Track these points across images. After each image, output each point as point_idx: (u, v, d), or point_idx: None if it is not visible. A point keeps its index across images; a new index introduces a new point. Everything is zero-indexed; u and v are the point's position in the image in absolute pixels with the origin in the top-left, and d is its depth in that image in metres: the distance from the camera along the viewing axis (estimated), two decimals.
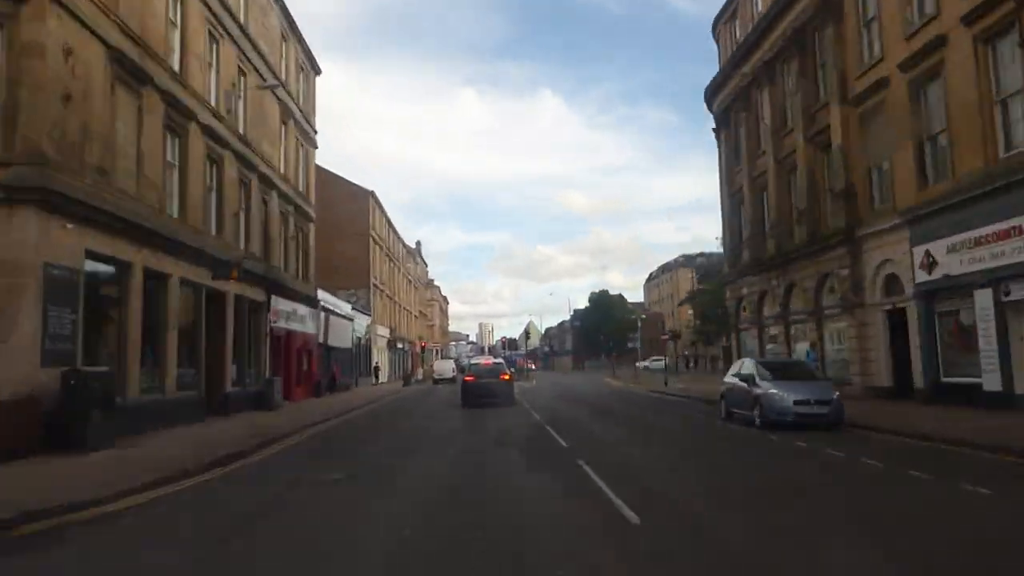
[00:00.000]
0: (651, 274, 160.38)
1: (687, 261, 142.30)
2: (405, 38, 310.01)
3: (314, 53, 34.92)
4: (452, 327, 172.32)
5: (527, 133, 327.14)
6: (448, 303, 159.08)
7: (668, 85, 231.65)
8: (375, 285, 56.81)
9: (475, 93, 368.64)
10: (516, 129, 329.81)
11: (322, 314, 37.46)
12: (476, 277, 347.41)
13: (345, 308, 45.20)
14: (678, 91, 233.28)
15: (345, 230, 54.57)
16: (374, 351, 55.64)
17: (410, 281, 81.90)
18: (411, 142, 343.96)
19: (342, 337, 43.40)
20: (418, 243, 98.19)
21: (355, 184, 56.41)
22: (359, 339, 51.42)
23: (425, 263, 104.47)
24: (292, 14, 31.11)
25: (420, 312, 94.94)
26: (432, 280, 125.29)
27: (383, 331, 59.12)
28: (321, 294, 37.80)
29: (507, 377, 27.73)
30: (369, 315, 54.58)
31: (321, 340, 36.75)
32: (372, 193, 56.15)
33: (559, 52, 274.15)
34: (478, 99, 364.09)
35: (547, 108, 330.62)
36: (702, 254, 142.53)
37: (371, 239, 55.50)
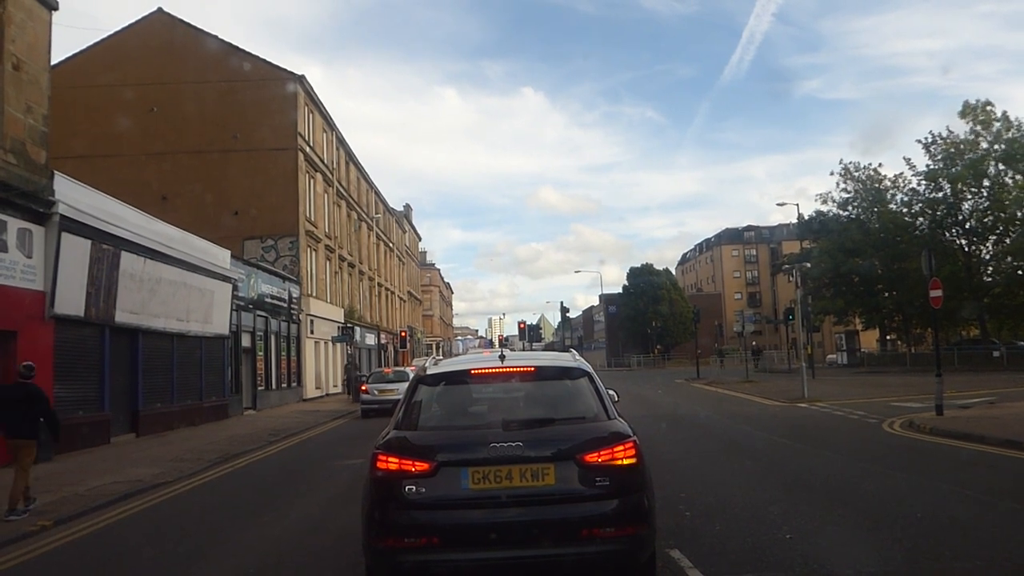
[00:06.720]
0: (685, 255, 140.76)
1: (731, 237, 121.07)
2: (383, 39, 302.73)
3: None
4: (455, 323, 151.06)
5: (512, 131, 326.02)
6: (452, 292, 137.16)
7: (647, 84, 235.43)
8: (309, 233, 34.43)
9: (456, 92, 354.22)
10: (501, 127, 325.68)
11: (81, 244, 15.27)
12: (470, 276, 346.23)
13: (211, 256, 22.86)
14: (658, 90, 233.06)
15: (261, 146, 32.42)
16: (306, 344, 33.30)
17: (390, 248, 59.52)
18: (394, 142, 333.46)
19: (194, 312, 21.14)
20: (407, 206, 75.87)
21: (274, 66, 34.06)
22: (271, 321, 29.15)
23: (417, 233, 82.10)
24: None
25: (411, 295, 72.71)
26: (432, 262, 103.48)
27: (327, 311, 36.76)
28: (79, 190, 15.59)
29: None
30: (296, 281, 32.27)
31: (61, 309, 14.52)
32: (301, 79, 33.77)
33: (537, 51, 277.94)
34: (460, 98, 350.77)
35: (529, 107, 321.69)
36: (750, 227, 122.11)
37: (299, 155, 33.14)
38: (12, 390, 9.37)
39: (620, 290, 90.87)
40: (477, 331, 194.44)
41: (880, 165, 64.61)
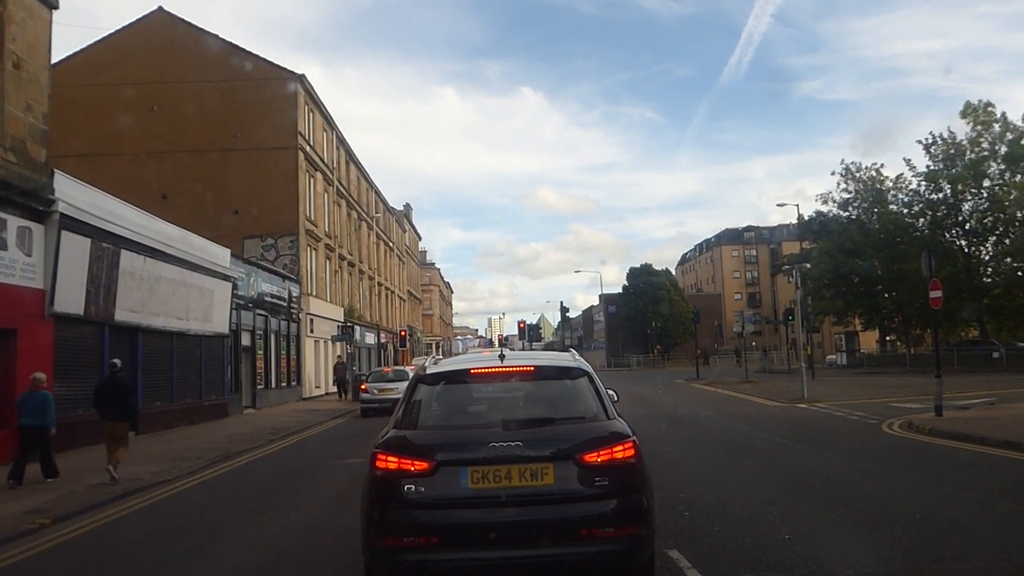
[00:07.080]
0: (685, 255, 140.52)
1: (731, 237, 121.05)
2: (381, 39, 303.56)
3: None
4: (455, 323, 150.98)
5: (511, 131, 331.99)
6: (452, 291, 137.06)
7: (646, 84, 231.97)
8: (309, 232, 34.44)
9: (455, 92, 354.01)
10: (500, 127, 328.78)
11: (80, 242, 15.27)
12: (470, 275, 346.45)
13: (211, 255, 22.85)
14: (657, 90, 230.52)
15: (261, 145, 32.41)
16: (306, 343, 33.31)
17: (390, 247, 59.52)
18: (394, 142, 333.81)
19: (194, 311, 21.14)
20: (407, 206, 75.84)
21: (274, 66, 34.06)
22: (270, 319, 29.16)
23: (417, 233, 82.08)
24: None
25: (410, 294, 72.72)
26: (432, 261, 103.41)
27: (327, 310, 36.78)
28: (79, 189, 15.58)
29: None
30: (296, 280, 32.28)
31: (61, 307, 14.53)
32: (302, 79, 33.79)
33: (536, 51, 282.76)
34: (459, 98, 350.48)
35: (528, 107, 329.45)
36: (750, 228, 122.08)
37: (299, 154, 33.15)
38: (106, 383, 11.67)
39: (620, 290, 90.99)
40: (477, 331, 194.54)
41: (882, 166, 64.68)
